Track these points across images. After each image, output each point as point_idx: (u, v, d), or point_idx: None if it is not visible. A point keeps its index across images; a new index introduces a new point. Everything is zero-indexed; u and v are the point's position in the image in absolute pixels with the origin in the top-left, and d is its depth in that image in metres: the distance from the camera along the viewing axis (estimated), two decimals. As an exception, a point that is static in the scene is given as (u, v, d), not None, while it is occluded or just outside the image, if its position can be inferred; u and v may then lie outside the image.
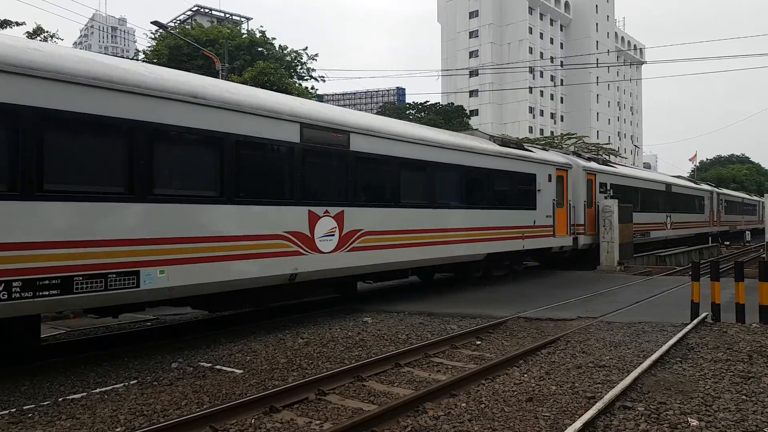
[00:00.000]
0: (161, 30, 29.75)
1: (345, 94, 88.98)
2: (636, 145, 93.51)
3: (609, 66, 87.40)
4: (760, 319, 8.44)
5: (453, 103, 57.29)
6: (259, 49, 33.95)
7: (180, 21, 64.37)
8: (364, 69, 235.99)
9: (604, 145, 51.23)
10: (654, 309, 10.15)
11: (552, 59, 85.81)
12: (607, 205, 18.08)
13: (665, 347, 6.84)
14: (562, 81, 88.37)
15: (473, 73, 78.28)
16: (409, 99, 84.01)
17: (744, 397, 5.25)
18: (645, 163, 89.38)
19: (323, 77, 38.40)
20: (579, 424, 4.36)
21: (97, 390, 5.83)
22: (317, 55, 36.35)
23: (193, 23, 44.81)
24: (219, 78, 19.84)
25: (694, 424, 4.59)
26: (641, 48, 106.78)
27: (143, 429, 4.48)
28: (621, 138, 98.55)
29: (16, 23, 20.46)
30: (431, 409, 5.04)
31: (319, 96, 41.67)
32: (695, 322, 8.32)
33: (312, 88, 35.82)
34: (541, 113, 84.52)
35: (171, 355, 7.27)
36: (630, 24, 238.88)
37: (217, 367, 6.68)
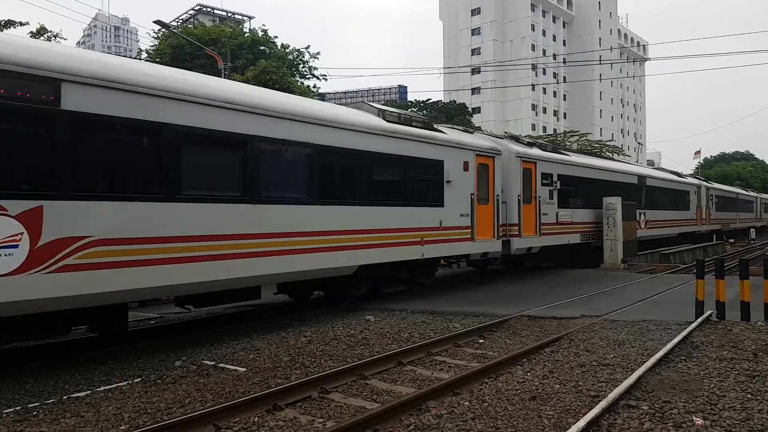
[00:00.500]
0: (164, 29, 29.79)
1: (347, 92, 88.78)
2: (639, 143, 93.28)
3: (612, 63, 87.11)
4: (765, 318, 8.41)
5: (455, 101, 57.15)
6: (261, 48, 33.99)
7: (182, 20, 64.47)
8: (365, 67, 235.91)
9: (607, 143, 51.05)
10: (658, 307, 10.12)
11: (554, 56, 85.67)
12: (611, 203, 18.03)
13: (669, 345, 6.82)
14: (564, 78, 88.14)
15: (475, 71, 78.09)
16: (411, 97, 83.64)
17: (749, 396, 5.22)
18: (649, 160, 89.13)
19: (325, 75, 38.42)
20: (583, 422, 4.34)
21: (102, 388, 5.86)
22: (319, 54, 36.35)
23: (196, 22, 44.84)
24: (222, 77, 19.86)
25: (698, 422, 4.56)
26: (644, 45, 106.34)
27: (147, 427, 4.49)
28: (624, 135, 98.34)
29: (19, 23, 20.53)
30: (434, 408, 5.04)
31: (321, 94, 41.63)
32: (700, 320, 8.29)
33: (314, 86, 35.85)
34: (544, 110, 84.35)
35: (175, 354, 7.30)
36: (633, 20, 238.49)
37: (221, 365, 6.70)
